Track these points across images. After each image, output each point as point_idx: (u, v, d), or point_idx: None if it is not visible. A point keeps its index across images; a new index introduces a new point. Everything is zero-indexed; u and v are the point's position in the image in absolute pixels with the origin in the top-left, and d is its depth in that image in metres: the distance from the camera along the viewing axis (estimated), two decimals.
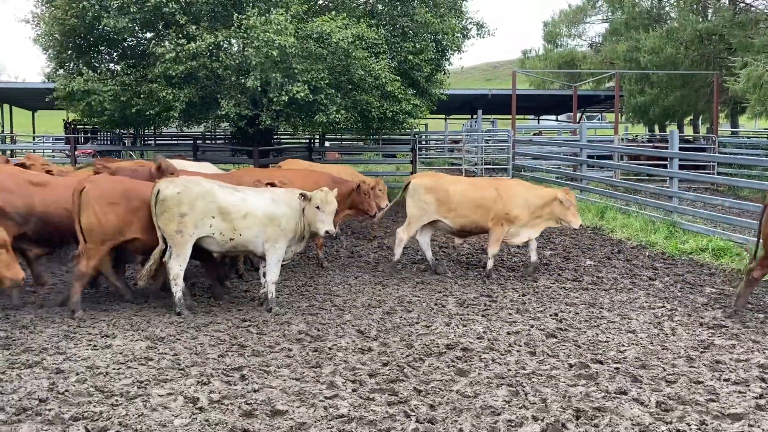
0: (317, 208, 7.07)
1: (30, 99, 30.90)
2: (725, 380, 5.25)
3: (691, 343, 6.23)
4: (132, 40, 16.12)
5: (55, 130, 42.72)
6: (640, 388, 5.06)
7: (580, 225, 9.11)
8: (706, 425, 4.40)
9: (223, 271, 7.94)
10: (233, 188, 7.21)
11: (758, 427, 4.38)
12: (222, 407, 4.58)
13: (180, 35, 13.91)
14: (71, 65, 16.04)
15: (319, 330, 6.46)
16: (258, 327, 6.56)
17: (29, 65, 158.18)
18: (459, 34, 17.15)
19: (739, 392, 5.00)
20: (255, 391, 4.87)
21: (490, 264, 9.02)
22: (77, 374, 5.14)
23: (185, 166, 10.37)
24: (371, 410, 4.55)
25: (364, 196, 9.61)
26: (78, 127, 29.41)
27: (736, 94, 20.40)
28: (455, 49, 17.14)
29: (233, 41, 14.97)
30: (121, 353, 5.67)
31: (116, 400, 4.66)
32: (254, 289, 8.13)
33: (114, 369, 5.29)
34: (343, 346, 5.98)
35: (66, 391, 4.80)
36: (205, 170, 10.14)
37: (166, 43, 14.34)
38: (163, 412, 4.49)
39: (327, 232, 7.10)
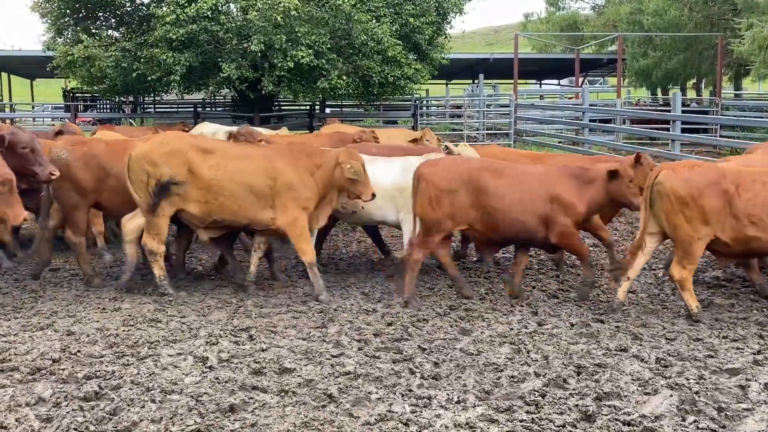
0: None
1: (28, 67, 30.70)
2: (724, 337, 5.35)
3: None
4: (130, 6, 15.97)
5: (54, 99, 42.52)
6: (641, 345, 5.16)
7: None
8: (705, 380, 4.50)
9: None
10: (366, 160, 6.82)
11: (755, 381, 4.48)
12: (231, 366, 4.69)
13: None
14: (69, 32, 15.92)
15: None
16: (264, 290, 6.66)
17: (26, 34, 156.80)
18: None
19: (737, 348, 5.10)
20: (263, 350, 4.97)
21: None
22: (88, 336, 5.25)
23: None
24: (377, 367, 4.66)
25: None
26: (77, 95, 29.26)
27: (741, 56, 20.22)
28: (457, 11, 16.96)
29: (232, 6, 14.83)
30: (130, 316, 5.77)
31: (127, 360, 4.77)
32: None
33: (124, 331, 5.39)
34: (347, 307, 6.07)
35: (78, 351, 4.91)
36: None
37: (164, 7, 14.21)
38: (173, 371, 4.60)
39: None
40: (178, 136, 6.70)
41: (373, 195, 6.35)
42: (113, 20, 16.56)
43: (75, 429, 3.79)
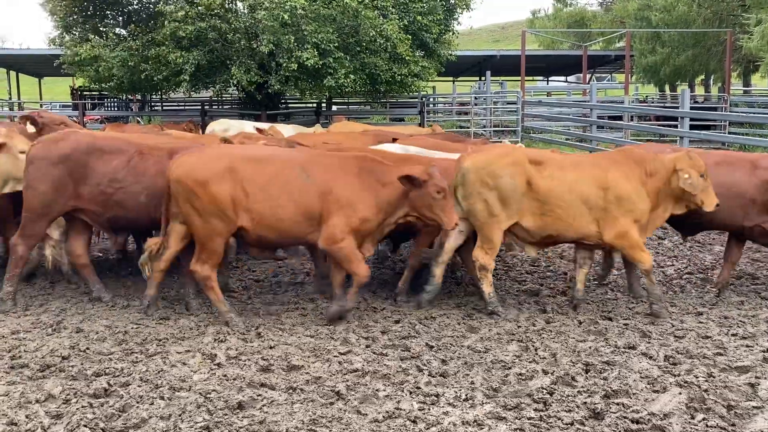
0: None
1: (36, 65, 30.82)
2: (733, 335, 5.32)
3: (699, 300, 6.30)
4: (138, 3, 16.03)
5: (62, 97, 42.72)
6: (649, 343, 5.14)
7: None
8: (714, 377, 4.48)
9: None
10: None
11: (765, 378, 4.45)
12: (239, 363, 4.70)
13: None
14: (77, 30, 16.01)
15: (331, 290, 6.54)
16: (272, 287, 6.67)
17: (34, 33, 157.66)
18: None
19: (747, 346, 5.07)
20: (271, 347, 4.98)
21: None
22: (97, 333, 5.28)
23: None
24: (384, 365, 4.66)
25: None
26: (85, 93, 29.38)
27: (750, 52, 20.11)
28: (464, 7, 16.93)
29: (240, 4, 14.86)
30: (138, 313, 5.79)
31: (136, 357, 4.79)
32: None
33: (133, 328, 5.42)
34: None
35: (87, 349, 4.93)
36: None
37: (172, 4, 14.26)
38: (182, 368, 4.61)
39: None
40: (514, 147, 6.44)
41: (717, 204, 5.86)
42: (121, 18, 16.62)
43: (84, 425, 3.81)
